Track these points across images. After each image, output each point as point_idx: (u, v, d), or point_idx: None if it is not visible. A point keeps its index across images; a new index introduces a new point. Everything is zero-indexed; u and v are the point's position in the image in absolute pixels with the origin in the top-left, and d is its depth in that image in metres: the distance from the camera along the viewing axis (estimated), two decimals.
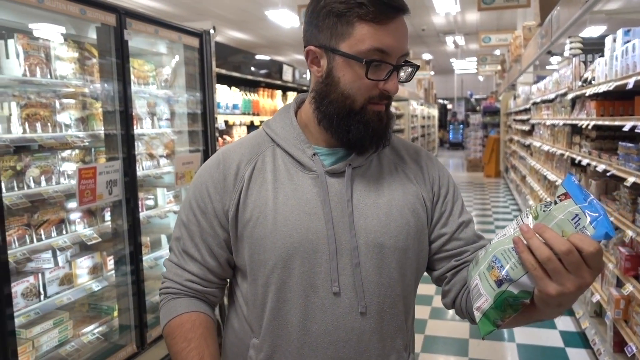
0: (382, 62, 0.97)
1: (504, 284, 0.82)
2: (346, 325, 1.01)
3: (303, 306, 1.02)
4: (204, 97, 3.46)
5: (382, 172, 1.10)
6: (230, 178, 1.07)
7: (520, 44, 9.55)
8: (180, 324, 1.06)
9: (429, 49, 19.49)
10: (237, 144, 1.13)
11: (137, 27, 2.74)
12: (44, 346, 2.40)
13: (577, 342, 3.74)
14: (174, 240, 1.13)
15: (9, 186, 2.28)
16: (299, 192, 1.04)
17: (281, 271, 1.02)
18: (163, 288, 1.13)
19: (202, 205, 1.08)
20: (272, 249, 1.01)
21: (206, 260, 1.09)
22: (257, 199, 1.04)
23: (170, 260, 1.13)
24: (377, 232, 1.03)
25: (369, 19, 0.95)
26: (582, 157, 4.00)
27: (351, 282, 1.01)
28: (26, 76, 2.35)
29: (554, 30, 5.28)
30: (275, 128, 1.11)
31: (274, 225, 1.01)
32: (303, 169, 1.06)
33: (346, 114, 1.01)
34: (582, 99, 4.29)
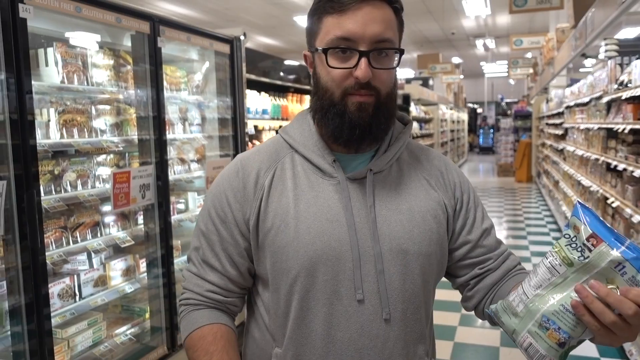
0: (345, 49, 0.97)
1: (566, 345, 0.82)
2: (370, 332, 1.00)
3: (327, 314, 1.01)
4: (234, 102, 3.51)
5: (403, 178, 1.09)
6: (250, 186, 1.06)
7: (553, 47, 9.37)
8: (201, 337, 1.04)
9: (459, 53, 19.30)
10: (255, 151, 1.12)
11: (169, 34, 2.80)
12: (79, 346, 2.46)
13: (613, 353, 3.63)
14: (193, 250, 1.11)
15: (47, 190, 2.35)
16: (321, 199, 1.03)
17: (305, 279, 1.00)
18: (183, 299, 1.11)
19: (222, 214, 1.06)
20: (294, 257, 1.00)
21: (227, 269, 1.07)
22: (278, 206, 1.03)
23: (190, 271, 1.11)
24: (400, 238, 1.03)
25: (332, 12, 0.97)
26: (618, 161, 3.90)
27: (375, 288, 1.01)
28: (64, 83, 2.43)
29: (588, 32, 5.17)
30: (293, 134, 1.10)
31: (296, 233, 1.00)
32: (323, 175, 1.05)
33: (327, 107, 1.01)
34: (618, 102, 4.19)
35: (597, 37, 4.85)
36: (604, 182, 4.61)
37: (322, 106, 1.02)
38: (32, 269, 1.99)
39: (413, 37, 15.73)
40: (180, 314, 1.12)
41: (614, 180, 4.18)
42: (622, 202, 3.77)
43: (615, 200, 3.94)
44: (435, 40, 16.54)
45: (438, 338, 4.22)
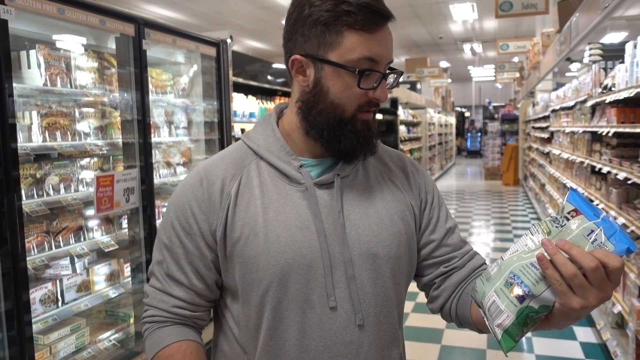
0: (373, 70, 0.96)
1: (525, 300, 0.82)
2: (344, 339, 0.99)
3: (300, 323, 0.99)
4: (221, 105, 3.49)
5: (370, 181, 1.08)
6: (216, 196, 1.02)
7: (539, 51, 9.46)
8: (170, 355, 1.01)
9: (447, 57, 19.42)
10: (217, 159, 1.07)
11: (155, 37, 2.78)
12: (61, 352, 2.42)
13: (598, 354, 3.66)
14: (155, 264, 1.06)
15: (29, 194, 2.32)
16: (289, 206, 1.00)
17: (276, 289, 0.98)
18: (147, 317, 1.06)
19: (187, 226, 1.02)
20: (265, 267, 0.98)
21: (193, 283, 1.03)
22: (246, 216, 1.00)
23: (153, 286, 1.06)
24: (370, 242, 1.02)
25: (358, 28, 0.93)
26: (603, 164, 3.93)
27: (347, 295, 0.99)
28: (47, 86, 2.40)
29: (573, 37, 5.22)
30: (257, 140, 1.07)
31: (265, 242, 0.98)
32: (290, 182, 1.03)
33: (337, 124, 0.98)
34: (602, 106, 4.23)
35: (581, 41, 4.90)
36: (588, 184, 4.66)
37: (328, 122, 0.99)
38: (13, 274, 1.96)
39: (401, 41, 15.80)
40: (145, 332, 1.07)
41: (599, 183, 4.22)
42: (606, 204, 3.81)
43: (600, 203, 3.97)
44: (423, 44, 16.64)
45: (425, 341, 4.22)
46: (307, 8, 0.96)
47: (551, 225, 0.83)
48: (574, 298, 0.78)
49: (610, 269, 0.76)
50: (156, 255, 1.06)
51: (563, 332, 4.07)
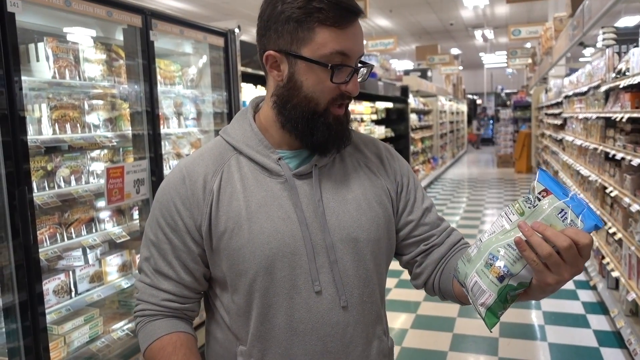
0: (345, 65, 0.99)
1: (505, 279, 0.87)
2: (331, 320, 1.05)
3: (288, 308, 1.04)
4: (230, 96, 3.49)
5: (347, 169, 1.13)
6: (199, 192, 1.05)
7: (552, 36, 9.32)
8: (161, 347, 1.05)
9: (457, 44, 19.22)
10: (197, 156, 1.11)
11: (162, 27, 2.77)
12: (75, 342, 2.45)
13: (612, 342, 3.63)
14: (143, 260, 1.10)
15: (40, 186, 2.34)
16: (270, 198, 1.05)
17: (263, 278, 1.03)
18: (138, 311, 1.10)
19: (172, 223, 1.06)
20: (251, 258, 1.02)
21: (181, 277, 1.08)
22: (229, 210, 1.04)
23: (143, 282, 1.10)
24: (350, 227, 1.07)
25: (330, 24, 0.97)
26: (617, 150, 3.88)
27: (330, 278, 1.05)
28: (56, 78, 2.41)
29: (586, 21, 5.13)
30: (236, 135, 1.11)
31: (250, 234, 1.02)
32: (270, 174, 1.07)
33: (310, 116, 1.02)
34: (616, 91, 4.16)
35: (594, 25, 4.82)
36: (602, 171, 4.60)
37: (302, 115, 1.02)
38: (26, 266, 1.98)
39: (411, 29, 15.66)
40: (137, 326, 1.11)
41: (613, 169, 4.16)
42: (620, 191, 3.76)
43: (614, 190, 3.92)
44: (434, 31, 16.46)
45: (437, 330, 4.23)
46: (280, 5, 0.99)
47: (524, 206, 0.88)
48: (550, 275, 0.84)
49: (581, 245, 0.81)
50: (144, 252, 1.10)
51: (577, 320, 4.04)
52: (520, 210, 0.88)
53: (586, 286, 4.79)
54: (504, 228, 0.89)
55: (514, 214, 0.89)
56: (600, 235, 4.61)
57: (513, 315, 4.17)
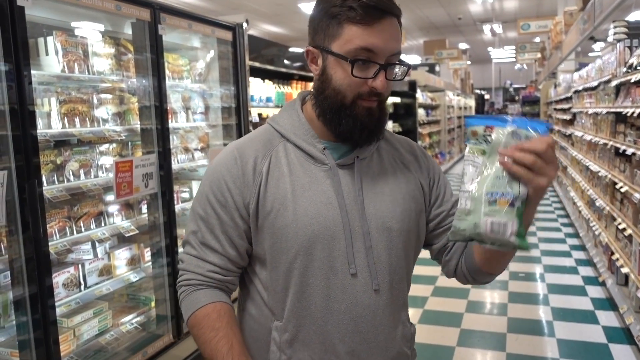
0: (368, 61, 1.05)
1: (515, 203, 0.95)
2: (363, 302, 1.12)
3: (325, 287, 1.11)
4: (238, 90, 3.48)
5: (384, 164, 1.21)
6: (249, 173, 1.13)
7: (561, 30, 9.24)
8: (206, 314, 1.12)
9: (466, 38, 19.10)
10: (247, 140, 1.19)
11: (171, 21, 2.77)
12: (85, 335, 2.47)
13: (621, 338, 3.61)
14: (190, 234, 1.17)
15: (50, 180, 2.35)
16: (314, 184, 1.12)
17: (303, 257, 1.10)
18: (184, 280, 1.17)
19: (222, 199, 1.13)
20: (294, 237, 1.09)
21: (227, 250, 1.14)
22: (276, 191, 1.11)
23: (189, 254, 1.17)
24: (385, 217, 1.15)
25: (357, 21, 1.04)
26: (627, 146, 3.84)
27: (365, 263, 1.12)
28: (65, 72, 2.41)
29: (596, 15, 5.08)
30: (284, 124, 1.19)
31: (294, 215, 1.09)
32: (315, 162, 1.14)
33: (338, 108, 1.10)
34: (627, 86, 4.12)
35: (605, 19, 4.76)
36: (612, 167, 4.56)
37: (331, 107, 1.11)
38: (36, 259, 1.99)
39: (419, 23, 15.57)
40: (181, 295, 1.17)
41: (623, 165, 4.13)
42: (630, 186, 3.72)
43: (624, 185, 3.89)
44: (442, 25, 16.37)
45: (445, 325, 4.22)
46: (321, 5, 1.09)
47: (481, 147, 0.98)
48: (540, 178, 0.94)
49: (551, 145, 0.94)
50: (191, 226, 1.17)
51: (585, 316, 4.02)
52: (480, 152, 0.98)
53: (595, 282, 4.76)
54: (479, 170, 0.98)
55: (477, 157, 0.99)
56: (609, 231, 4.58)
57: (521, 310, 4.16)
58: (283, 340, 1.14)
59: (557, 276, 5.00)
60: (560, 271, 5.16)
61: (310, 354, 1.13)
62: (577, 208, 6.61)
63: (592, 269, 5.12)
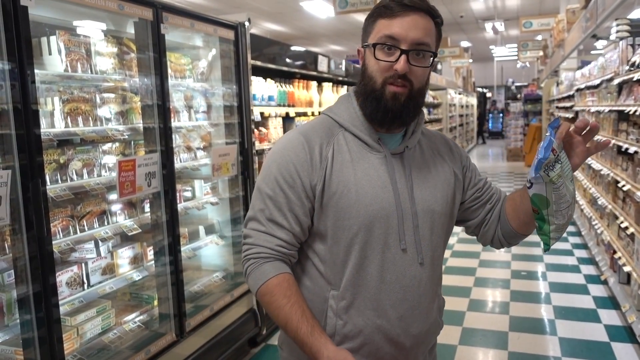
0: (386, 44, 1.21)
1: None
2: (410, 273, 1.29)
3: (380, 260, 1.27)
4: (240, 89, 3.48)
5: (425, 155, 1.38)
6: (316, 157, 1.27)
7: (564, 28, 9.21)
8: (277, 284, 1.25)
9: (468, 36, 19.06)
10: (310, 128, 1.33)
11: (173, 21, 2.77)
12: (88, 333, 2.48)
13: (623, 337, 3.61)
14: (258, 211, 1.29)
15: (53, 179, 2.36)
16: (372, 169, 1.28)
17: (364, 233, 1.25)
18: (252, 254, 1.28)
19: (290, 181, 1.26)
20: (356, 216, 1.25)
21: (293, 227, 1.28)
22: (340, 175, 1.26)
23: (256, 229, 1.29)
24: (429, 200, 1.32)
25: (385, 16, 1.23)
26: (630, 144, 3.84)
27: (412, 240, 1.29)
28: (68, 72, 2.42)
29: (599, 13, 5.07)
30: (343, 115, 1.34)
31: (356, 196, 1.25)
32: (371, 150, 1.30)
33: (370, 92, 1.26)
34: (629, 84, 4.11)
35: (608, 17, 4.75)
36: (614, 165, 4.55)
37: (365, 91, 1.27)
38: (40, 258, 2.00)
39: None
40: (250, 267, 1.29)
41: (625, 163, 4.12)
42: (633, 185, 3.72)
43: (627, 184, 3.89)
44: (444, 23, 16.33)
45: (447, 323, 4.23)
46: (372, 10, 1.28)
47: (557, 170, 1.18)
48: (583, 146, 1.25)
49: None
50: (258, 205, 1.30)
51: (587, 314, 4.02)
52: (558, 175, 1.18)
53: (597, 281, 4.76)
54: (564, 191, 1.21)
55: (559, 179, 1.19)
56: (612, 230, 4.58)
57: (523, 309, 4.16)
58: (340, 307, 1.28)
59: (559, 275, 5.00)
60: (562, 270, 5.16)
61: (364, 319, 1.28)
62: (579, 206, 6.61)
63: (594, 268, 5.12)
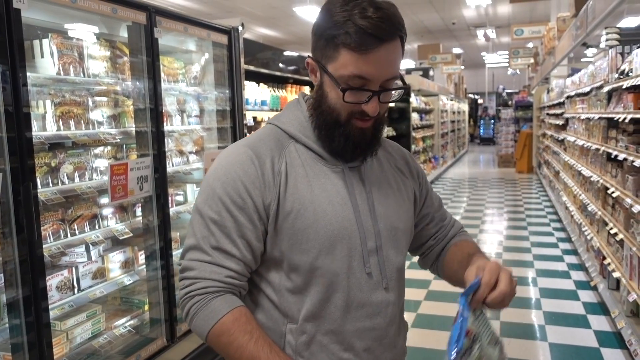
0: (360, 89, 1.06)
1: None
2: (376, 299, 1.16)
3: (345, 287, 1.13)
4: (233, 93, 3.49)
5: (383, 167, 1.26)
6: (269, 173, 1.11)
7: (554, 36, 9.31)
8: (235, 319, 1.07)
9: (460, 43, 19.20)
10: (256, 140, 1.16)
11: (166, 25, 2.77)
12: (78, 338, 2.46)
13: (613, 342, 3.64)
14: (201, 239, 1.10)
15: (44, 182, 2.34)
16: (329, 184, 1.14)
17: (325, 257, 1.11)
18: (199, 289, 1.09)
19: (239, 201, 1.09)
20: (315, 238, 1.10)
21: (244, 255, 1.11)
22: (296, 191, 1.11)
23: (199, 260, 1.10)
24: (392, 217, 1.20)
25: (352, 48, 1.02)
26: (619, 151, 3.88)
27: (376, 262, 1.16)
28: (60, 75, 2.41)
29: (589, 21, 5.13)
30: (292, 125, 1.18)
31: (314, 216, 1.10)
32: (327, 163, 1.15)
33: (332, 125, 1.11)
34: (618, 92, 4.16)
35: (598, 26, 4.81)
36: (604, 172, 4.59)
37: (326, 123, 1.12)
38: (30, 262, 1.99)
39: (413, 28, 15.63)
40: (194, 306, 1.09)
41: (615, 170, 4.16)
42: (622, 192, 3.76)
43: (616, 191, 3.92)
44: (436, 30, 16.44)
45: (438, 329, 4.21)
46: (323, 19, 1.07)
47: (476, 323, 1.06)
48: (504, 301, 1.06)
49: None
50: (200, 231, 1.11)
51: (577, 320, 4.05)
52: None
53: (587, 286, 4.79)
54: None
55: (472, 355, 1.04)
56: (601, 236, 4.62)
57: (513, 314, 4.18)
58: (300, 343, 1.12)
59: (549, 280, 5.03)
60: (552, 275, 5.19)
61: (328, 354, 1.13)
62: (569, 213, 6.65)
63: (584, 274, 5.16)
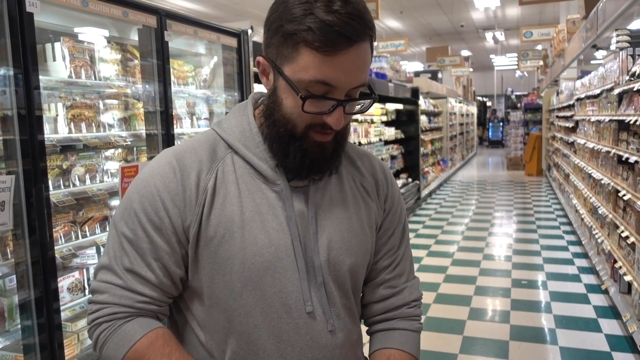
0: (322, 97, 0.88)
1: None
2: (320, 343, 0.98)
3: (276, 328, 0.96)
4: (242, 96, 3.50)
5: (343, 186, 1.05)
6: (191, 189, 0.94)
7: (564, 38, 9.26)
8: (150, 343, 0.93)
9: (468, 45, 19.16)
10: (189, 148, 0.99)
11: (177, 28, 2.79)
12: (88, 340, 2.47)
13: (624, 347, 3.60)
14: (114, 258, 0.95)
15: (56, 184, 2.36)
16: (265, 207, 0.96)
17: (251, 293, 0.94)
18: (107, 315, 0.95)
19: (156, 220, 0.93)
20: (240, 270, 0.93)
21: (161, 281, 0.95)
22: (222, 214, 0.94)
23: (110, 283, 0.95)
24: (339, 249, 1.00)
25: (315, 47, 0.84)
26: (630, 154, 3.85)
27: (318, 299, 0.98)
28: (72, 78, 2.43)
29: (599, 23, 5.10)
30: (232, 133, 1.00)
31: (242, 244, 0.93)
32: (266, 181, 0.98)
33: (286, 138, 0.93)
34: (629, 94, 4.13)
35: (608, 28, 4.78)
36: (615, 174, 4.56)
37: (279, 135, 0.94)
38: (42, 263, 2.00)
39: (422, 30, 15.63)
40: (103, 334, 0.95)
41: (626, 172, 4.13)
42: (633, 194, 3.73)
43: (627, 193, 3.89)
44: (444, 33, 16.43)
45: (447, 332, 4.20)
46: (278, 12, 0.89)
47: None
48: None
49: None
50: (114, 250, 0.96)
51: (588, 324, 4.01)
52: None
53: (598, 290, 4.75)
54: None
55: None
56: (612, 239, 4.58)
57: (524, 318, 4.15)
58: None
59: (559, 284, 4.99)
60: (562, 279, 5.15)
61: None
62: (579, 216, 6.61)
63: (594, 277, 5.12)
